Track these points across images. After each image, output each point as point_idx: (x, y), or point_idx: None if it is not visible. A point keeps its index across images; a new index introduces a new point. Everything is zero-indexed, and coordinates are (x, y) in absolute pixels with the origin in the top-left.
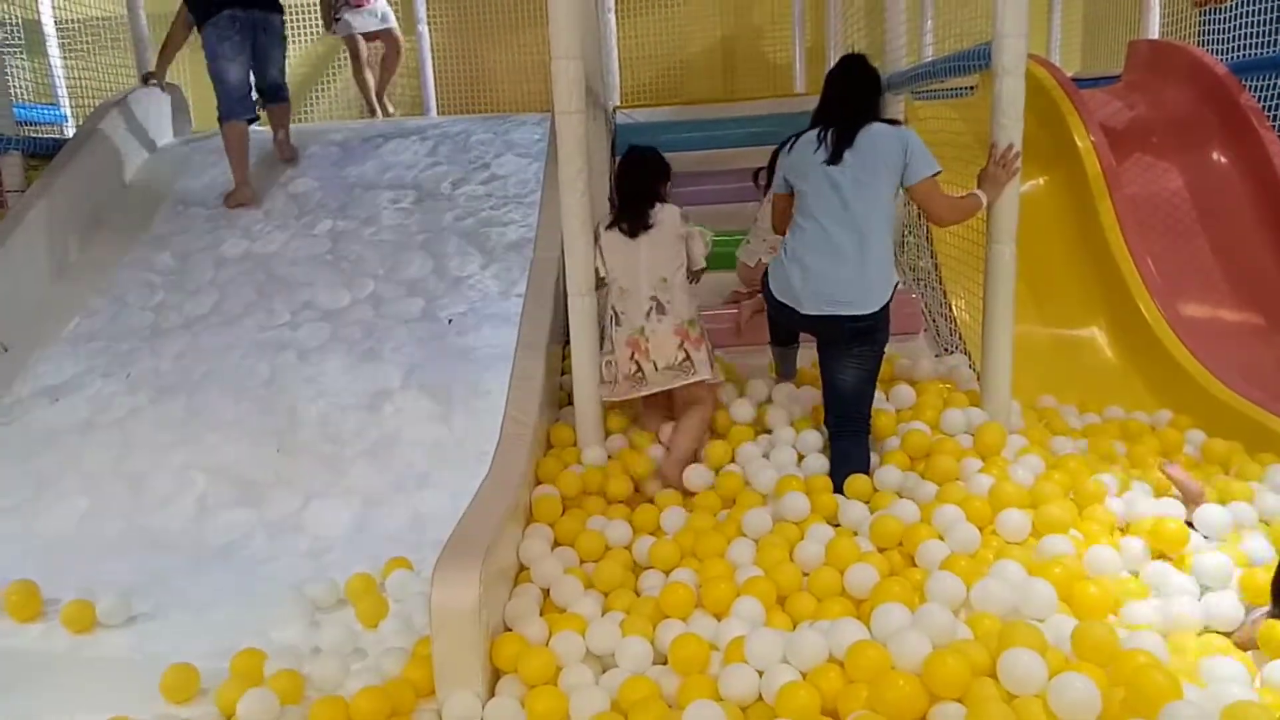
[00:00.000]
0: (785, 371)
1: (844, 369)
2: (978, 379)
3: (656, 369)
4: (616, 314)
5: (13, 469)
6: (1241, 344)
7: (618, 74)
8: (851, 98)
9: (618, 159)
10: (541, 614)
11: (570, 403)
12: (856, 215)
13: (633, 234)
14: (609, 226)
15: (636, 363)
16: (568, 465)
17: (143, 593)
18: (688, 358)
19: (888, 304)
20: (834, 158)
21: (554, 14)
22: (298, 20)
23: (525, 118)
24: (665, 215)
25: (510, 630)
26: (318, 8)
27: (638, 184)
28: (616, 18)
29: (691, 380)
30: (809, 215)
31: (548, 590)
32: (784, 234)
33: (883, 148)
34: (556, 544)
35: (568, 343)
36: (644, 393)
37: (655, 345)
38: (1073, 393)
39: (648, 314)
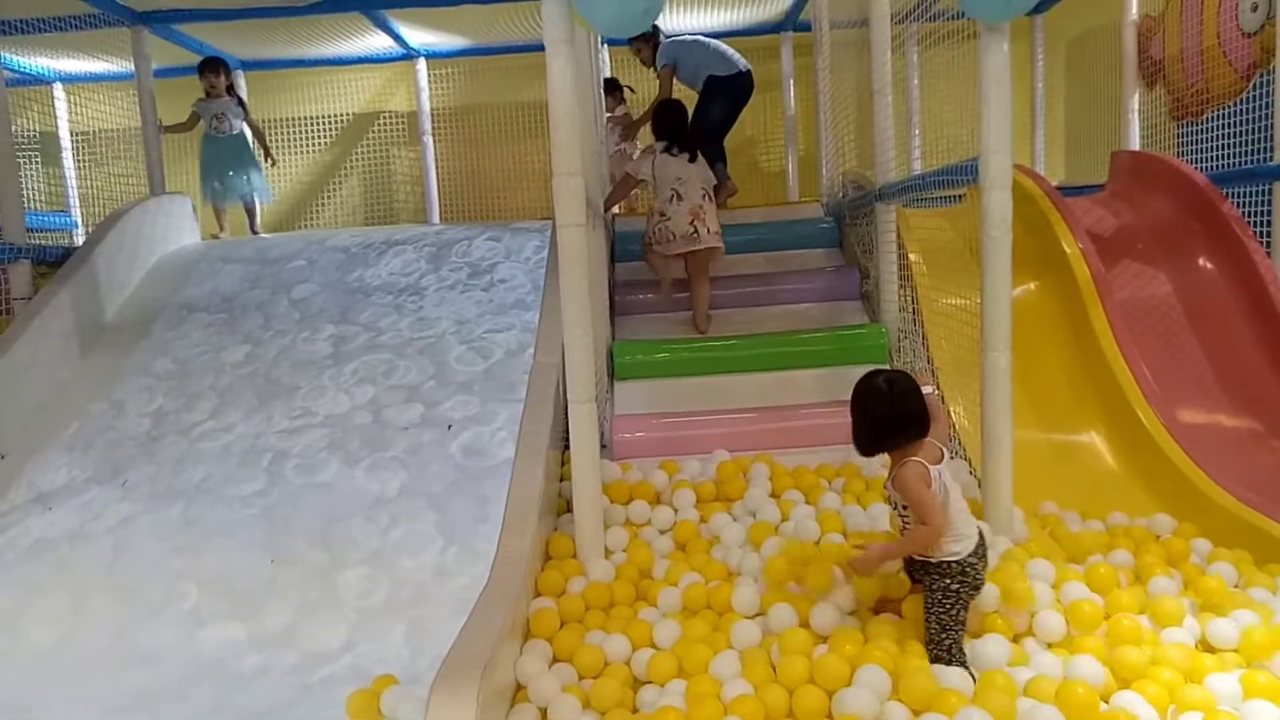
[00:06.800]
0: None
1: None
2: (978, 485)
3: (709, 232)
4: (677, 194)
5: (1, 579)
6: (1240, 449)
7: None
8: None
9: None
10: None
11: (569, 510)
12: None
13: (692, 160)
14: (664, 151)
15: (694, 226)
16: (568, 577)
17: (127, 714)
18: (720, 230)
19: None
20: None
21: (556, 133)
22: (305, 130)
23: (526, 225)
24: (699, 154)
25: None
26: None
27: (684, 127)
28: None
29: (718, 245)
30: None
31: (545, 709)
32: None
33: None
34: (555, 659)
35: (567, 448)
36: (697, 248)
37: (708, 217)
38: (1074, 499)
39: (703, 197)
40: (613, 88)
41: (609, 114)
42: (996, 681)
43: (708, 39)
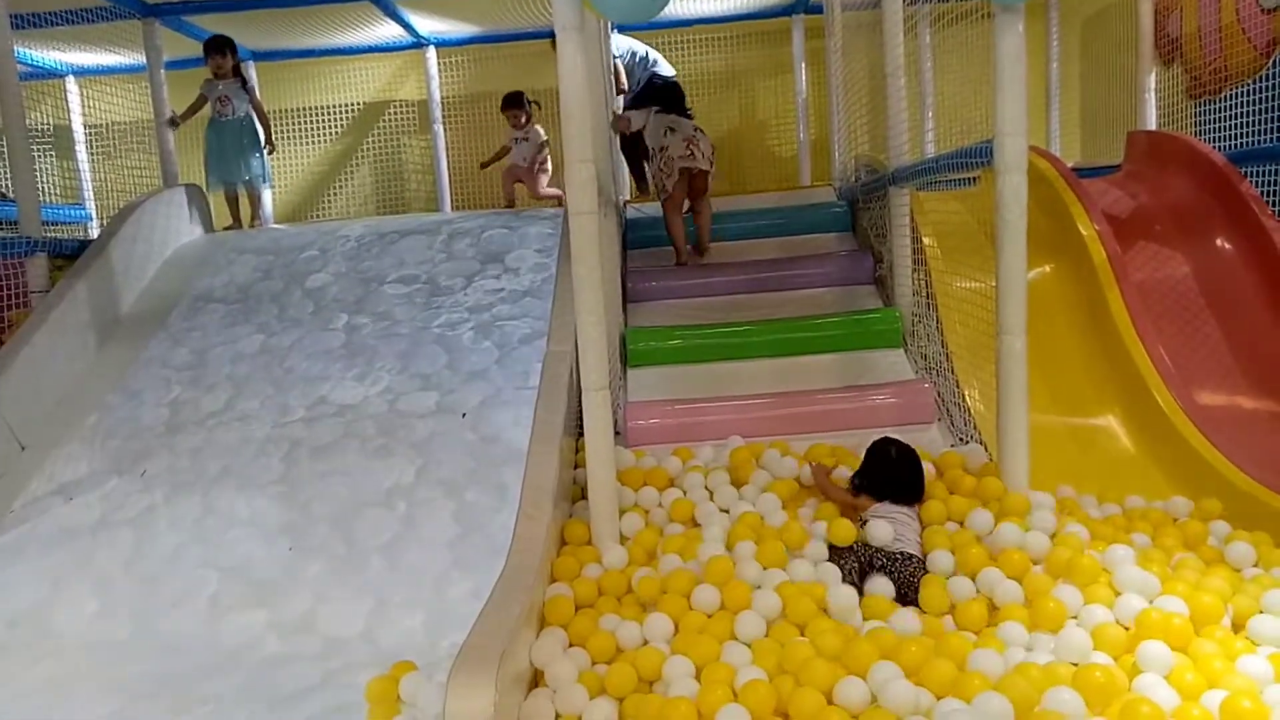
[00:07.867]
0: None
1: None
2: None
3: (703, 156)
4: (669, 130)
5: (25, 570)
6: (1259, 431)
7: (628, 170)
8: None
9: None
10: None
11: (584, 497)
12: None
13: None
14: (658, 112)
15: (690, 150)
16: (583, 563)
17: (151, 701)
18: (713, 159)
19: None
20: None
21: (567, 121)
22: (315, 120)
23: (538, 213)
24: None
25: None
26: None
27: (680, 100)
28: None
29: (710, 169)
30: None
31: (560, 694)
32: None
33: None
34: (569, 645)
35: (581, 435)
36: (693, 166)
37: (701, 143)
38: (1091, 483)
39: (694, 130)
40: (516, 103)
41: (519, 131)
42: (1023, 668)
43: (637, 42)
